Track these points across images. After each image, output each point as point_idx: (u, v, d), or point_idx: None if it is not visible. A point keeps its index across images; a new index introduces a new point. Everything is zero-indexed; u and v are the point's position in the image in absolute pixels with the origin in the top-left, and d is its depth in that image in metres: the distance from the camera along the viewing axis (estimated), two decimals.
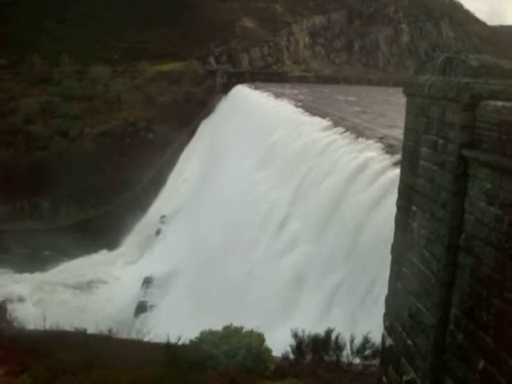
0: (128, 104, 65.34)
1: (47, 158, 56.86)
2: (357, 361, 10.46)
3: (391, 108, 42.10)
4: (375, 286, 14.91)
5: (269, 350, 10.34)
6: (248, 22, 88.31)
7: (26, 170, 54.54)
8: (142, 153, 58.19)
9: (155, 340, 12.98)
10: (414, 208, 9.73)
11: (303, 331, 10.58)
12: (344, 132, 26.58)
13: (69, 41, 74.63)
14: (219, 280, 25.40)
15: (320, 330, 10.96)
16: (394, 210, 10.31)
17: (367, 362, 10.38)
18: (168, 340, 11.07)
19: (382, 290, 11.49)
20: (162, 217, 48.28)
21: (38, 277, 44.78)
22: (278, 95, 47.98)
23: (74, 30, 78.03)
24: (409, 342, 9.70)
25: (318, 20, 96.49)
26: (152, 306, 32.95)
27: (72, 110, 62.88)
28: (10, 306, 39.36)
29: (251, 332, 10.29)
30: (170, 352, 10.35)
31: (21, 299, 40.56)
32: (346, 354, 10.23)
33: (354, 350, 10.02)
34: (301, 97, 50.40)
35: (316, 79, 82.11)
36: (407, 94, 10.41)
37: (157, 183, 55.47)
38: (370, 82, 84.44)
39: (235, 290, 23.55)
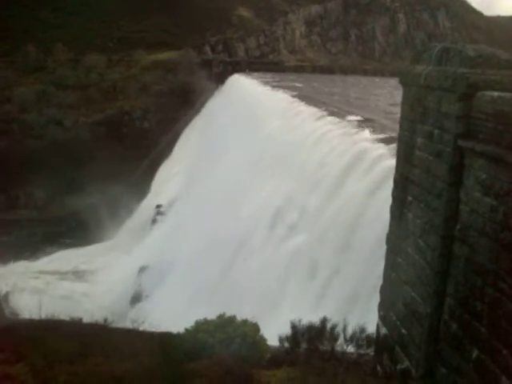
0: (123, 93, 65.02)
1: (42, 146, 56.56)
2: (351, 349, 10.52)
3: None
4: (370, 276, 14.96)
5: (264, 339, 10.39)
6: (244, 11, 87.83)
7: (21, 159, 54.29)
8: (138, 142, 58.01)
9: (150, 329, 13.01)
10: (410, 198, 9.75)
11: (299, 320, 10.63)
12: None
13: (64, 30, 74.12)
14: (213, 270, 25.43)
15: (314, 318, 11.01)
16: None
17: (362, 351, 10.44)
18: (163, 329, 11.10)
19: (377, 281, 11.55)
20: (157, 207, 48.21)
21: (32, 266, 44.76)
22: (274, 85, 47.86)
23: (69, 18, 77.43)
24: (403, 331, 9.76)
25: (315, 9, 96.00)
26: (147, 296, 32.98)
27: (67, 98, 62.57)
28: (4, 296, 39.47)
29: (246, 321, 10.33)
30: (165, 341, 10.38)
31: (15, 289, 40.55)
32: (341, 343, 10.28)
33: (348, 338, 10.08)
34: (297, 84, 50.36)
35: (312, 69, 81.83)
36: (403, 83, 10.40)
37: (152, 173, 55.36)
38: (365, 72, 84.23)
39: (229, 280, 23.61)
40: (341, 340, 10.14)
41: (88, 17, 77.36)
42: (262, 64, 74.61)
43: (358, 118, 28.57)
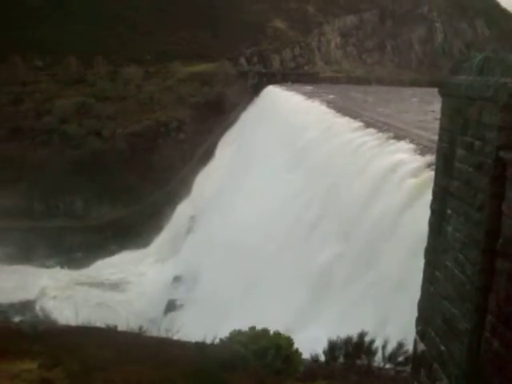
0: (160, 105, 66.02)
1: (81, 157, 57.88)
2: (388, 366, 10.32)
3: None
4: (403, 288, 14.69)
5: (298, 352, 10.29)
6: (279, 23, 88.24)
7: (61, 169, 55.58)
8: (174, 153, 58.66)
9: (184, 338, 13.05)
10: (449, 211, 9.54)
11: (336, 335, 10.50)
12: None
13: (103, 43, 75.77)
14: (248, 280, 25.41)
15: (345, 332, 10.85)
16: None
17: (399, 368, 10.22)
18: (197, 339, 11.12)
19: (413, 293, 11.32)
20: (192, 216, 48.58)
21: (69, 274, 45.63)
22: (309, 96, 47.79)
23: (108, 32, 79.18)
24: (442, 347, 9.52)
25: (350, 20, 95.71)
26: (181, 305, 33.17)
27: (105, 110, 63.89)
28: (42, 302, 40.33)
29: (279, 334, 10.25)
30: (200, 350, 10.39)
31: (53, 296, 41.37)
32: (378, 359, 10.10)
33: (387, 355, 9.88)
34: (332, 95, 50.17)
35: (347, 80, 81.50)
36: (442, 94, 10.22)
37: (187, 183, 55.87)
38: (402, 83, 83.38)
39: (264, 291, 23.54)
40: (378, 356, 9.96)
41: (126, 30, 78.91)
42: (297, 75, 74.70)
43: (394, 128, 28.26)
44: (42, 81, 68.70)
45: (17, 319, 31.30)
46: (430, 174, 14.97)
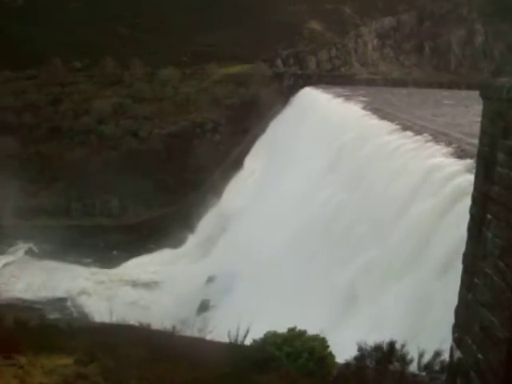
0: (196, 106, 66.51)
1: (118, 157, 58.81)
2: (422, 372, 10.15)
3: None
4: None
5: (332, 355, 10.22)
6: (315, 25, 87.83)
7: (98, 169, 56.58)
8: (209, 154, 59.01)
9: (217, 339, 13.09)
10: (489, 216, 9.32)
11: (366, 341, 10.38)
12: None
13: (139, 44, 76.86)
14: (282, 282, 25.36)
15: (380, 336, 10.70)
16: None
17: (434, 375, 10.04)
18: (231, 339, 11.14)
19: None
20: (227, 217, 48.74)
21: (104, 272, 46.32)
22: (346, 98, 47.46)
23: (145, 34, 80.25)
24: (479, 355, 9.31)
25: (387, 21, 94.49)
26: (214, 306, 33.33)
27: (142, 111, 64.74)
28: (77, 300, 41.12)
29: (315, 336, 10.20)
30: (233, 351, 10.41)
31: (88, 293, 42.11)
32: (413, 366, 9.94)
33: (422, 365, 9.73)
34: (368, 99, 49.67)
35: (384, 82, 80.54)
36: (484, 97, 10.00)
37: (222, 184, 56.14)
38: (440, 85, 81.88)
39: (297, 293, 23.45)
40: (414, 364, 9.81)
41: (163, 32, 79.82)
42: (333, 77, 74.24)
43: (432, 131, 27.80)
44: (80, 82, 70.04)
45: (53, 316, 32.03)
46: (469, 178, 14.71)
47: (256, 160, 56.65)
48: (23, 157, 59.57)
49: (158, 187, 54.45)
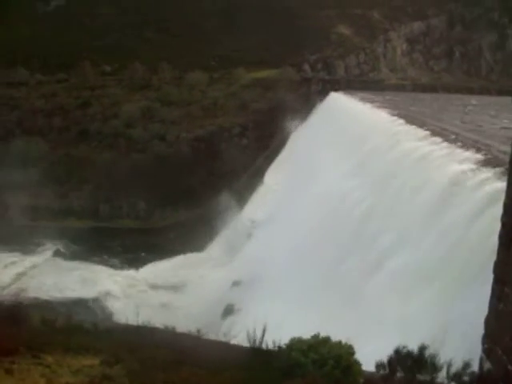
0: (223, 110, 66.77)
1: (145, 160, 59.39)
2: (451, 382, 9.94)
3: None
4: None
5: (358, 363, 10.07)
6: (344, 29, 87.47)
7: (126, 172, 57.22)
8: (236, 158, 59.14)
9: (242, 343, 13.04)
10: None
11: (392, 349, 10.22)
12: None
13: (168, 48, 77.62)
14: (308, 289, 25.21)
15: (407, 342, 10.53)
16: None
17: None
18: (256, 344, 11.08)
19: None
20: (253, 221, 48.73)
21: (131, 274, 46.74)
22: (374, 103, 47.13)
23: (173, 38, 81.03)
24: (510, 367, 9.09)
25: (417, 26, 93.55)
26: (239, 310, 33.28)
27: (170, 115, 65.26)
28: (104, 301, 41.57)
29: (341, 343, 10.07)
30: (259, 356, 10.35)
31: (114, 295, 42.52)
32: (442, 376, 9.74)
33: (451, 374, 9.53)
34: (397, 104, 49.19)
35: (413, 87, 79.66)
36: None
37: (249, 188, 56.19)
38: (470, 91, 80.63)
39: (324, 300, 23.28)
40: (443, 374, 9.61)
41: (191, 36, 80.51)
42: (362, 82, 73.74)
43: (462, 138, 27.38)
44: (110, 85, 71.08)
45: (79, 316, 32.38)
46: (501, 185, 14.43)
47: (282, 164, 56.60)
48: (53, 159, 60.67)
49: (185, 191, 54.79)
